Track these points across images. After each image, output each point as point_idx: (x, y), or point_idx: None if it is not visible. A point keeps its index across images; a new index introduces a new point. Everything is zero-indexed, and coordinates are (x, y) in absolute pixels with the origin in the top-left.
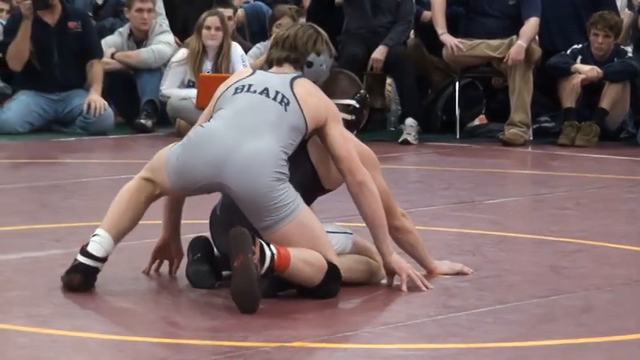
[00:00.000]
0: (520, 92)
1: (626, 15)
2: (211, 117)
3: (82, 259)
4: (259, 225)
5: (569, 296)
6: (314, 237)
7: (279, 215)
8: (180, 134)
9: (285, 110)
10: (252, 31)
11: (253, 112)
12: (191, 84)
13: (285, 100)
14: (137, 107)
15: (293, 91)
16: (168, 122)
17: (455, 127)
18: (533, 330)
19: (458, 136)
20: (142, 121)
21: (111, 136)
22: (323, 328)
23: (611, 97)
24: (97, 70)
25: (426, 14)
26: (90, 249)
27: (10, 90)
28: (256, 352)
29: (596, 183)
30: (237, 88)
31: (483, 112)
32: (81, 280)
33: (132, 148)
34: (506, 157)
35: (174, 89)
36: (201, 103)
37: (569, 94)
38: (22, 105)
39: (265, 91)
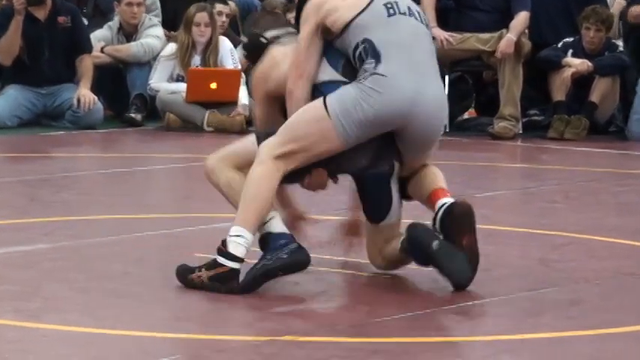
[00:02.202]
0: (510, 86)
1: (616, 7)
2: (355, 35)
3: (232, 264)
4: (417, 155)
5: (557, 289)
6: None
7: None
8: (169, 128)
9: (428, 30)
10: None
11: (418, 46)
12: (180, 78)
13: (424, 19)
14: (126, 101)
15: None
16: (157, 116)
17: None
18: (521, 323)
19: (447, 130)
20: (132, 114)
21: (100, 130)
22: (311, 321)
23: (601, 90)
24: (86, 64)
25: None
26: (239, 253)
27: (0, 84)
28: (247, 345)
29: (585, 176)
30: (388, 7)
31: (473, 105)
32: (239, 285)
33: (121, 141)
34: (496, 150)
35: (163, 83)
36: (191, 97)
37: (559, 88)
38: (11, 99)
39: (410, 11)
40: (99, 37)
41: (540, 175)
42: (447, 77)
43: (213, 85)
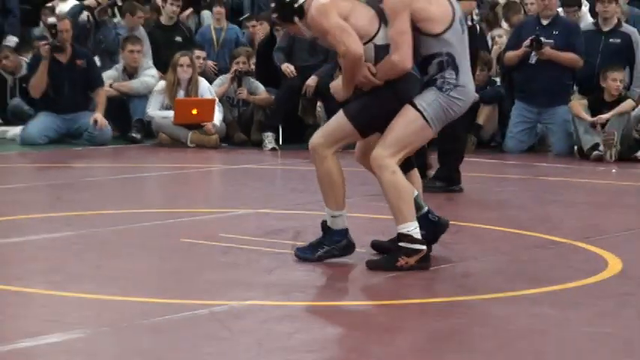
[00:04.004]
0: None
1: (494, 51)
2: (441, 38)
3: (422, 247)
4: None
5: (452, 265)
6: None
7: None
8: (161, 144)
9: None
10: None
11: (468, 53)
12: (169, 107)
13: None
14: (129, 124)
15: None
16: (152, 135)
17: None
18: (426, 291)
19: None
20: (133, 134)
21: (109, 146)
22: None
23: (485, 115)
24: (101, 96)
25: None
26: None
27: (33, 111)
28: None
29: (472, 179)
30: (462, 24)
31: None
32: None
33: (125, 155)
34: None
35: (157, 111)
36: (177, 120)
37: None
38: (41, 123)
39: (464, 25)
40: (108, 75)
41: None
42: None
43: (194, 111)
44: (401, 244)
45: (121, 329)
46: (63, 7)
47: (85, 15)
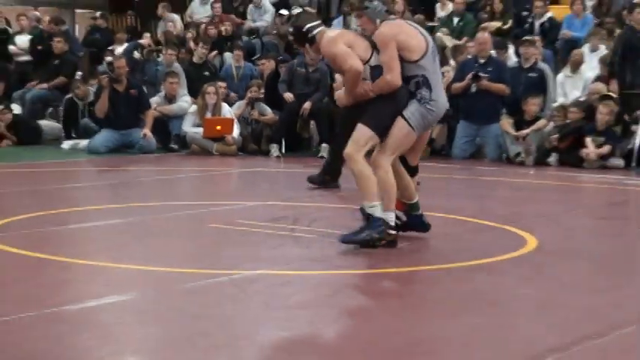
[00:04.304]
0: None
1: (445, 79)
2: (417, 66)
3: (393, 232)
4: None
5: (408, 243)
6: None
7: None
8: (193, 153)
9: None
10: None
11: (440, 74)
12: (199, 125)
13: None
14: (169, 138)
15: None
16: (187, 146)
17: None
18: (382, 262)
19: None
20: (172, 145)
21: (154, 154)
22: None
23: (438, 130)
24: (149, 116)
25: (335, 85)
26: (393, 224)
27: (98, 128)
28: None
29: (427, 179)
30: (434, 53)
31: None
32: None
33: (166, 161)
34: None
35: (190, 127)
36: (206, 134)
37: None
38: (103, 137)
39: (437, 52)
40: (154, 101)
41: None
42: None
43: (219, 127)
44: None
45: (163, 292)
46: (119, 49)
47: (137, 53)
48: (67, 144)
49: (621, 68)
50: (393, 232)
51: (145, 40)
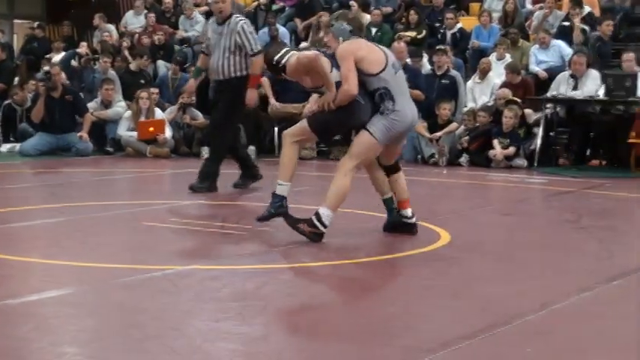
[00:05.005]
0: None
1: None
2: (377, 80)
3: (324, 230)
4: (399, 141)
5: (339, 239)
6: None
7: None
8: (127, 155)
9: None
10: None
11: (405, 86)
12: (133, 129)
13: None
14: (105, 141)
15: None
16: (122, 149)
17: (276, 149)
18: (315, 256)
19: (277, 155)
20: (108, 148)
21: (90, 157)
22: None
23: None
24: (87, 120)
25: (260, 90)
26: (328, 223)
27: (34, 132)
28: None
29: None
30: (394, 67)
31: None
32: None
33: (102, 163)
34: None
35: (125, 131)
36: (140, 137)
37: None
38: (35, 140)
39: (399, 67)
40: (91, 106)
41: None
42: (276, 128)
43: (151, 129)
44: (313, 217)
45: (99, 287)
46: (57, 57)
47: (74, 61)
48: (4, 147)
49: None
50: (323, 229)
51: (82, 48)
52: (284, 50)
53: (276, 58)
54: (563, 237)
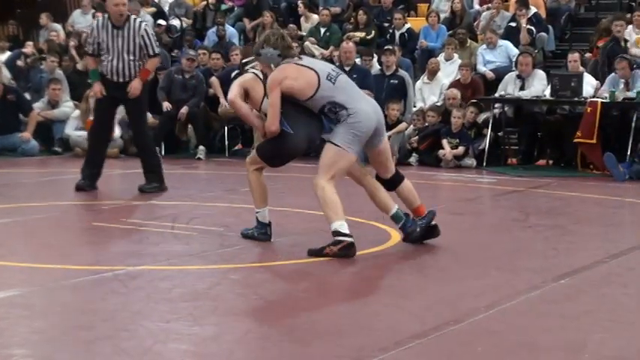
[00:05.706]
0: None
1: None
2: (315, 96)
3: (349, 239)
4: (378, 138)
5: (287, 238)
6: None
7: None
8: (77, 156)
9: (345, 75)
10: None
11: (351, 86)
12: (82, 128)
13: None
14: (52, 141)
15: None
16: (70, 149)
17: (226, 150)
18: (272, 256)
19: (227, 155)
20: (55, 148)
21: (38, 157)
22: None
23: None
24: (32, 119)
25: (210, 91)
26: (348, 232)
27: None
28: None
29: (302, 179)
30: (329, 79)
31: (241, 141)
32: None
33: (50, 163)
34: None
35: (73, 131)
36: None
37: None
38: None
39: (337, 72)
40: (37, 106)
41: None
42: (226, 127)
43: None
44: (332, 236)
45: (48, 288)
46: (2, 57)
47: (20, 61)
48: None
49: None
50: (349, 238)
51: (28, 48)
52: (250, 58)
53: (244, 61)
54: (511, 236)
